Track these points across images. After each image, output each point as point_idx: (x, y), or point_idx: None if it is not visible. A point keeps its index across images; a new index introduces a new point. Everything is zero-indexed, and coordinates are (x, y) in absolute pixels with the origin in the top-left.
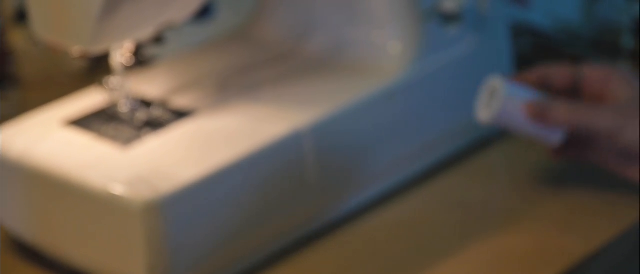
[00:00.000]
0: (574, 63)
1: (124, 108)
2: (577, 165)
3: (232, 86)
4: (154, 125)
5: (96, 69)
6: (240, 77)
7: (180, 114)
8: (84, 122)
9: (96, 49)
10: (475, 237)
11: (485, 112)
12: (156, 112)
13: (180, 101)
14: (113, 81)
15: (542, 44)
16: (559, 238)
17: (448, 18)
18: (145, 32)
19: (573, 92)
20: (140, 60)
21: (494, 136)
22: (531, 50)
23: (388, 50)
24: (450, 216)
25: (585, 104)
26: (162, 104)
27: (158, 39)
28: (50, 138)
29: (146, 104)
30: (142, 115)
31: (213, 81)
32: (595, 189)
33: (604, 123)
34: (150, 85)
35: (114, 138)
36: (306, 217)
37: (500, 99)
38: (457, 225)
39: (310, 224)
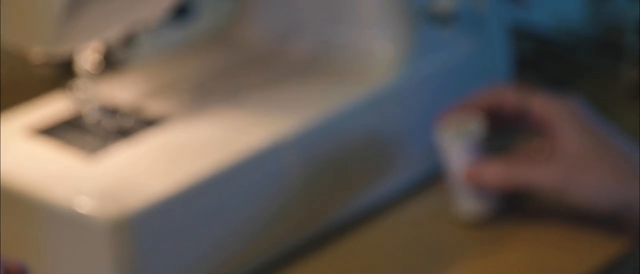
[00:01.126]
0: (530, 87)
1: (91, 116)
2: None
3: (209, 92)
4: (124, 134)
5: (67, 73)
6: (218, 83)
7: (153, 123)
8: (48, 132)
9: (60, 50)
10: (469, 254)
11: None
12: (127, 121)
13: (153, 108)
14: (80, 86)
15: (543, 48)
16: (555, 256)
17: (442, 19)
18: (114, 31)
19: (523, 120)
20: (110, 63)
21: (499, 143)
22: (532, 55)
23: (377, 54)
24: (443, 232)
25: (525, 162)
26: (134, 112)
27: (129, 41)
28: (10, 148)
29: (116, 111)
30: (111, 123)
31: (189, 86)
32: None
33: (547, 183)
34: (121, 91)
35: (80, 149)
36: (289, 234)
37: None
38: (449, 242)
39: (292, 242)
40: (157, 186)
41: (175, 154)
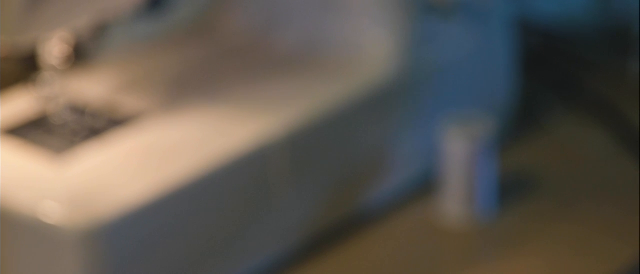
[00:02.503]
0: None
1: (58, 115)
2: (593, 181)
3: (187, 89)
4: (94, 135)
5: (31, 68)
6: (197, 78)
7: (126, 122)
8: (11, 132)
9: (23, 40)
10: (483, 258)
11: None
12: (97, 120)
13: (127, 106)
14: (46, 81)
15: (549, 43)
16: (573, 260)
17: (442, 10)
18: (83, 21)
19: None
20: (79, 56)
21: (503, 144)
22: (537, 49)
23: (370, 47)
24: (454, 236)
25: None
26: (105, 110)
27: (100, 32)
28: None
29: (85, 109)
30: (80, 123)
31: (165, 82)
32: (614, 206)
33: None
34: (91, 87)
35: (46, 151)
36: (274, 242)
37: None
38: (461, 246)
39: (278, 250)
40: (131, 191)
41: (151, 156)
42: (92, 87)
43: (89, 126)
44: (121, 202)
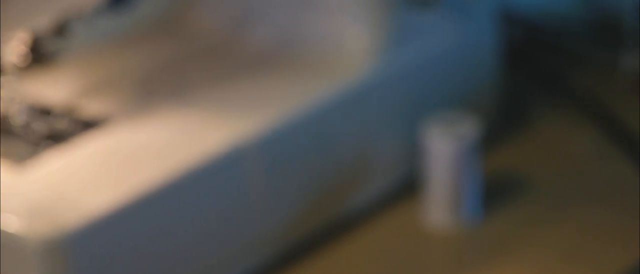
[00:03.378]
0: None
1: (18, 118)
2: (584, 182)
3: (156, 89)
4: (57, 139)
5: None
6: (165, 78)
7: (90, 125)
8: None
9: None
10: (469, 265)
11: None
12: (60, 123)
13: (91, 109)
14: (4, 83)
15: (534, 35)
16: (564, 267)
17: (423, 2)
18: (43, 19)
19: None
20: (39, 56)
21: (487, 144)
22: (522, 42)
23: (349, 42)
24: (438, 241)
25: None
26: (68, 113)
27: (61, 30)
28: None
29: (47, 112)
30: (42, 126)
31: (132, 82)
32: (607, 209)
33: None
34: (53, 88)
35: (6, 157)
36: (252, 251)
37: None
38: (446, 251)
39: (258, 259)
40: (97, 200)
41: (118, 161)
42: (54, 89)
43: (51, 130)
44: (86, 211)
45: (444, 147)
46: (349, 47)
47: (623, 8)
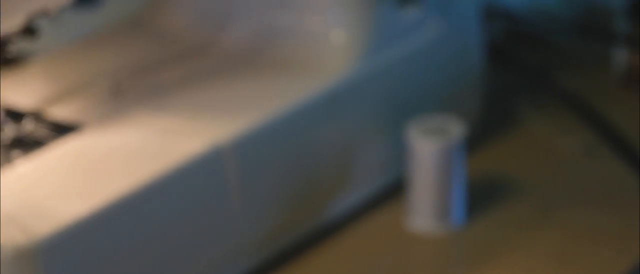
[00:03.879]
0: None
1: None
2: (573, 183)
3: (129, 91)
4: (26, 144)
5: None
6: (139, 80)
7: (61, 129)
8: None
9: None
10: (455, 270)
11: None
12: (29, 127)
13: (61, 112)
14: None
15: (518, 30)
16: (554, 271)
17: None
18: (9, 20)
19: None
20: (7, 58)
21: (472, 144)
22: (506, 37)
23: (330, 41)
24: (423, 245)
25: None
26: (37, 116)
27: (29, 31)
28: None
29: (15, 115)
30: (11, 131)
31: (104, 84)
32: (598, 211)
33: None
34: (21, 91)
35: None
36: (231, 256)
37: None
38: (431, 257)
39: (236, 266)
40: (70, 206)
41: (91, 167)
42: (23, 92)
43: (21, 134)
44: (59, 218)
45: (429, 148)
46: (329, 45)
47: (612, 3)
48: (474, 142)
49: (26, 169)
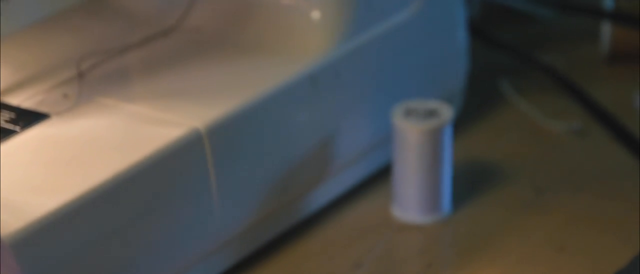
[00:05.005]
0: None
1: None
2: (568, 166)
3: (94, 77)
4: None
5: None
6: (104, 64)
7: (27, 118)
8: None
9: None
10: (446, 257)
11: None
12: None
13: (24, 100)
14: None
15: (496, 5)
16: (552, 257)
17: None
18: None
19: None
20: None
21: (459, 126)
22: (483, 13)
23: (308, 18)
24: (411, 234)
25: None
26: (2, 105)
27: None
28: None
29: None
30: None
31: (67, 69)
32: (595, 195)
33: None
34: None
35: None
36: (210, 248)
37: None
38: (420, 245)
39: (217, 257)
40: (42, 200)
41: (63, 157)
42: None
43: None
44: (31, 213)
45: (415, 132)
46: (308, 24)
47: None
48: (461, 124)
49: None
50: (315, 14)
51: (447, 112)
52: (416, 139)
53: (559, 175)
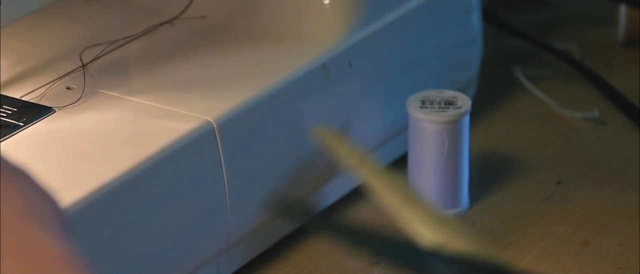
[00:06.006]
0: None
1: None
2: (589, 155)
3: (98, 68)
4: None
5: None
6: (107, 55)
7: (30, 112)
8: None
9: None
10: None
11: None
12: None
13: (26, 94)
14: None
15: None
16: (575, 249)
17: None
18: None
19: None
20: None
21: (475, 115)
22: None
23: (319, 4)
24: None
25: None
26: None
27: None
28: None
29: None
30: None
31: (69, 61)
32: (619, 187)
33: None
34: None
35: None
36: (222, 245)
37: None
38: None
39: (229, 253)
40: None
41: (69, 154)
42: None
43: None
44: None
45: (431, 124)
46: (320, 10)
47: None
48: (477, 113)
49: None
50: (327, 4)
51: (465, 103)
52: (433, 131)
53: (579, 165)
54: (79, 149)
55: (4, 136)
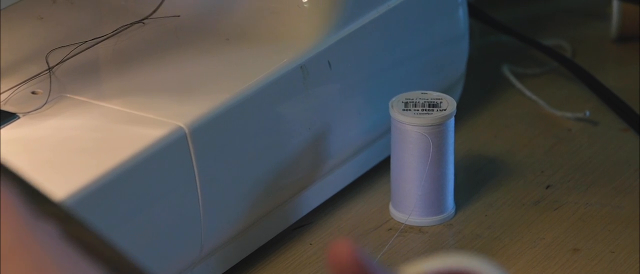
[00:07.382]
0: None
1: None
2: (580, 156)
3: (64, 71)
4: None
5: None
6: (75, 57)
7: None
8: None
9: None
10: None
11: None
12: None
13: None
14: None
15: None
16: (569, 254)
17: None
18: None
19: None
20: None
21: (461, 115)
22: None
23: (297, 3)
24: (408, 240)
25: None
26: None
27: None
28: None
29: None
30: None
31: (34, 64)
32: (611, 191)
33: None
34: None
35: None
36: (198, 254)
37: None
38: (418, 254)
39: (206, 269)
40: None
41: (33, 163)
42: None
43: None
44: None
45: (416, 126)
46: (298, 10)
47: None
48: (457, 115)
49: None
50: (306, 4)
51: (450, 105)
52: (417, 135)
53: (570, 168)
54: (44, 157)
55: None
